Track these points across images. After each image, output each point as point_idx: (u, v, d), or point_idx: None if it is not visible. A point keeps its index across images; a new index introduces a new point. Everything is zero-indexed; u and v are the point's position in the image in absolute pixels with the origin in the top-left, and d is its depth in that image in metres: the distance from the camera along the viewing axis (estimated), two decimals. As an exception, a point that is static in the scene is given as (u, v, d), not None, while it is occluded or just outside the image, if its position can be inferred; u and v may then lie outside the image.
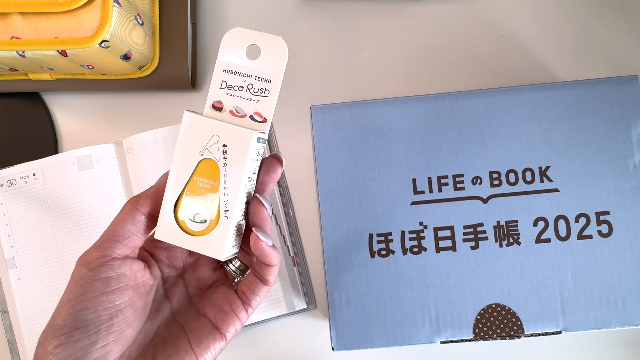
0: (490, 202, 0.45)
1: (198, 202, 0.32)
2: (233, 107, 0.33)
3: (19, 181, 0.50)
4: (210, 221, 0.32)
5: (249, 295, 0.34)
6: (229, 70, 0.33)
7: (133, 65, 0.48)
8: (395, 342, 0.44)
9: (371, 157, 0.46)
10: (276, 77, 0.33)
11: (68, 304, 0.30)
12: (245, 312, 0.34)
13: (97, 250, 0.31)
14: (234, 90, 0.33)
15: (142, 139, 0.49)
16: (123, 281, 0.31)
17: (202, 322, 0.34)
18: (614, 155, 0.45)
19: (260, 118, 0.33)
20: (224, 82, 0.33)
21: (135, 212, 0.32)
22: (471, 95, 0.46)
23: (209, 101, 0.33)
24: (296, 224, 0.51)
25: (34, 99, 0.53)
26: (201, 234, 0.32)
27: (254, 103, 0.33)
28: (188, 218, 0.32)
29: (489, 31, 0.52)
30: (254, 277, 0.34)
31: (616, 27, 0.52)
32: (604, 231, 0.45)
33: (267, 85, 0.33)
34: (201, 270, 0.36)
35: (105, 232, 0.32)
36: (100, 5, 0.42)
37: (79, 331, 0.29)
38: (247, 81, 0.33)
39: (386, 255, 0.45)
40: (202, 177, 0.32)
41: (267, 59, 0.33)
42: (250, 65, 0.33)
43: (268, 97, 0.33)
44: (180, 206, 0.32)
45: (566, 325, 0.44)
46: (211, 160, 0.32)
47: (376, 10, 0.53)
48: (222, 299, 0.34)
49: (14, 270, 0.49)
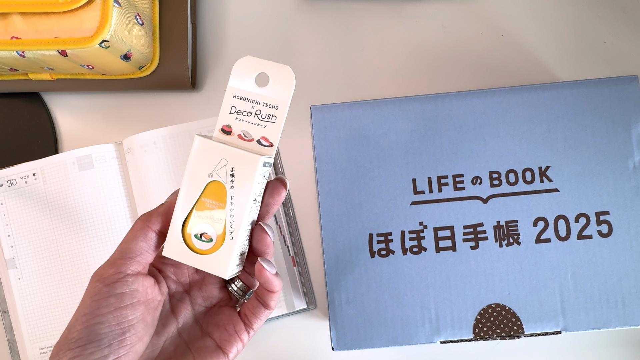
0: (490, 202, 0.45)
1: (205, 222, 0.33)
2: (241, 132, 0.34)
3: (19, 181, 0.50)
4: (216, 240, 0.34)
5: (251, 319, 0.35)
6: (238, 97, 0.35)
7: (133, 65, 0.48)
8: (395, 342, 0.44)
9: (371, 157, 0.46)
10: (283, 104, 0.35)
11: (83, 318, 0.30)
12: (247, 335, 0.36)
13: (111, 267, 0.32)
14: (243, 115, 0.35)
15: (142, 139, 0.49)
16: (136, 297, 0.32)
17: (206, 341, 0.35)
18: (614, 155, 0.45)
19: (267, 142, 0.35)
20: (233, 107, 0.35)
21: (147, 230, 0.33)
22: (471, 95, 0.46)
23: (218, 125, 0.34)
24: (296, 224, 0.51)
25: (34, 99, 0.53)
26: (207, 252, 0.34)
27: (262, 128, 0.34)
28: (195, 237, 0.34)
29: (489, 31, 0.52)
30: (256, 302, 0.35)
31: (616, 27, 0.52)
32: (604, 231, 0.45)
33: (274, 112, 0.35)
34: (207, 288, 0.37)
35: (118, 248, 0.33)
36: (100, 5, 0.42)
37: (93, 344, 0.30)
38: (255, 107, 0.34)
39: (386, 255, 0.45)
40: (210, 198, 0.34)
41: (275, 87, 0.35)
42: (258, 92, 0.35)
43: (275, 123, 0.35)
44: (188, 225, 0.34)
45: (566, 325, 0.44)
46: (219, 183, 0.33)
47: (376, 10, 0.53)
48: (226, 320, 0.36)
49: (14, 270, 0.49)
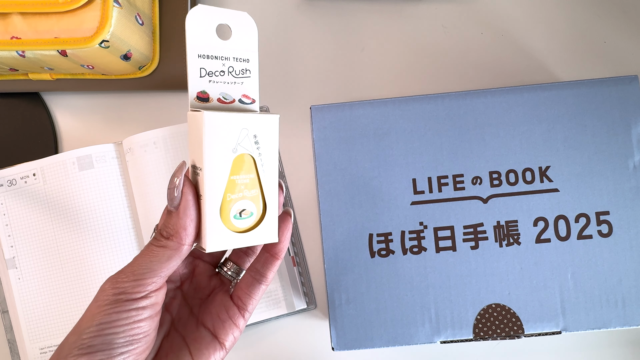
0: (490, 202, 0.45)
1: (241, 199, 0.31)
2: (220, 95, 0.31)
3: (19, 181, 0.50)
4: (257, 211, 0.32)
5: (244, 300, 0.35)
6: (204, 55, 0.30)
7: (133, 65, 0.48)
8: (395, 342, 0.44)
9: (371, 157, 0.46)
10: (253, 54, 0.32)
11: (98, 327, 0.30)
12: (242, 318, 0.35)
13: (137, 283, 0.30)
14: (215, 76, 0.31)
15: (142, 139, 0.49)
16: (155, 309, 0.31)
17: (201, 332, 0.34)
18: (614, 155, 0.45)
19: (249, 99, 0.32)
20: (202, 69, 0.30)
21: (181, 247, 0.31)
22: (471, 95, 0.46)
23: (192, 93, 0.30)
24: (296, 224, 0.51)
25: (34, 99, 0.53)
26: (252, 227, 0.32)
27: (240, 86, 0.32)
28: (234, 217, 0.31)
29: (489, 31, 0.52)
30: (250, 279, 0.35)
31: (616, 27, 0.52)
32: (604, 231, 0.45)
33: (246, 65, 0.32)
34: (197, 279, 0.37)
35: (143, 262, 0.31)
36: (100, 5, 0.42)
37: (104, 353, 0.29)
38: (227, 64, 0.31)
39: (386, 255, 0.45)
40: (239, 173, 0.31)
41: (239, 38, 0.31)
42: (224, 47, 0.31)
43: (250, 77, 0.32)
44: (223, 210, 0.31)
45: (566, 325, 0.44)
46: (246, 155, 0.31)
47: (376, 10, 0.53)
48: (219, 306, 0.35)
49: (14, 270, 0.49)
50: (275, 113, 0.32)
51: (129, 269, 0.31)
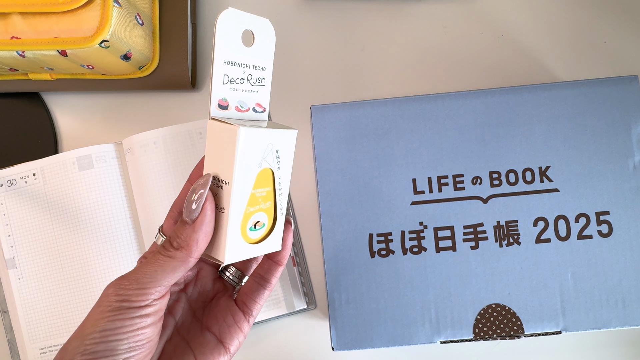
0: (490, 202, 0.45)
1: (257, 211, 0.31)
2: (238, 103, 0.30)
3: (19, 181, 0.50)
4: (268, 222, 0.32)
5: (249, 304, 0.35)
6: (228, 62, 0.29)
7: (133, 65, 0.48)
8: (395, 342, 0.44)
9: (371, 157, 0.46)
10: (269, 63, 0.31)
11: (102, 333, 0.30)
12: (247, 323, 0.35)
13: (140, 292, 0.30)
14: (236, 84, 0.30)
15: (142, 139, 0.49)
16: (158, 315, 0.31)
17: (206, 336, 0.34)
18: (614, 155, 0.45)
19: (261, 108, 0.32)
20: (225, 76, 0.29)
21: (189, 261, 0.31)
22: (471, 95, 0.46)
23: (214, 101, 0.29)
24: (296, 224, 0.51)
25: (34, 99, 0.53)
26: (263, 237, 0.32)
27: (254, 94, 0.31)
28: (250, 229, 0.31)
29: (489, 31, 0.52)
30: (254, 284, 0.35)
31: (616, 27, 0.52)
32: (604, 231, 0.45)
33: (262, 74, 0.31)
34: (201, 282, 0.37)
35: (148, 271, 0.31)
36: (100, 5, 0.42)
37: (107, 359, 0.29)
38: (246, 72, 0.30)
39: (386, 255, 0.45)
40: (259, 187, 0.31)
41: (260, 46, 0.30)
42: (246, 54, 0.30)
43: (265, 86, 0.31)
44: (242, 223, 0.31)
45: (566, 325, 0.44)
46: (268, 169, 0.31)
47: (376, 10, 0.53)
48: (224, 311, 0.35)
49: (14, 270, 0.49)
50: (293, 128, 0.32)
51: (133, 275, 0.31)
